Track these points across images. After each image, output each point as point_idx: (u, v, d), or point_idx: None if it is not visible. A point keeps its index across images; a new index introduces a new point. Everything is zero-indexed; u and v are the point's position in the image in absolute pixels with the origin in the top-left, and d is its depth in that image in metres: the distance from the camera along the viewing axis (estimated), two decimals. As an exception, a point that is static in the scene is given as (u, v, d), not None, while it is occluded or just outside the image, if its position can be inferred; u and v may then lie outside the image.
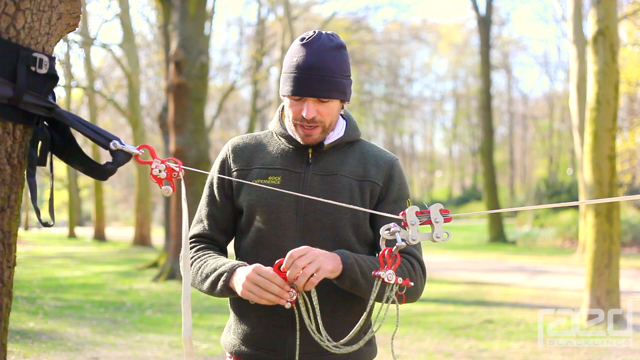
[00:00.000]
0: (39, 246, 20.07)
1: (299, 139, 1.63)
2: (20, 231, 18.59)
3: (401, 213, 1.41)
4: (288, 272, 1.42)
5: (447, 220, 1.42)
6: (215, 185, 1.70)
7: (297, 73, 1.56)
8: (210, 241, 1.71)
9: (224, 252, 1.73)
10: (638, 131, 16.37)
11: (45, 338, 5.67)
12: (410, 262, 1.61)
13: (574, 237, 18.57)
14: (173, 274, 9.95)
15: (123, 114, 21.46)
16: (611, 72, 6.61)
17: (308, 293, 1.49)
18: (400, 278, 1.44)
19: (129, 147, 1.27)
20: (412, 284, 1.46)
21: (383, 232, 1.41)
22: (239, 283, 1.48)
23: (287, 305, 1.45)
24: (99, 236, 23.18)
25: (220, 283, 1.54)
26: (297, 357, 1.56)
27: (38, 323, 6.40)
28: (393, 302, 1.45)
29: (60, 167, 22.23)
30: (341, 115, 1.71)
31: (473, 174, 48.09)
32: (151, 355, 5.16)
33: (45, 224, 1.25)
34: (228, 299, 1.70)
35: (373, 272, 1.45)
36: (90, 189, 28.41)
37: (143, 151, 1.33)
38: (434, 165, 54.29)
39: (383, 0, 51.23)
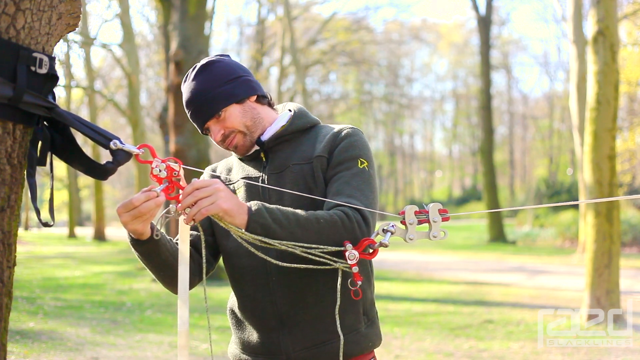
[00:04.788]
0: (39, 246, 20.08)
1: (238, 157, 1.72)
2: (20, 231, 18.56)
3: (400, 212, 1.42)
4: (183, 198, 1.34)
5: (445, 219, 1.42)
6: None
7: (188, 113, 1.65)
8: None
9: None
10: (638, 131, 16.37)
11: (45, 338, 5.68)
12: (346, 214, 1.46)
13: (574, 237, 18.57)
14: (173, 274, 9.94)
15: (123, 114, 21.46)
16: (611, 72, 6.62)
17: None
18: (357, 267, 1.41)
19: (129, 147, 1.28)
20: (359, 283, 1.43)
21: (380, 230, 1.42)
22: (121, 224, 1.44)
23: (159, 192, 1.36)
24: (99, 236, 23.20)
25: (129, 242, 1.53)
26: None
27: (38, 323, 6.40)
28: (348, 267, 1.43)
29: (60, 167, 22.23)
30: (289, 109, 1.72)
31: (473, 174, 48.11)
32: (151, 355, 5.16)
33: (45, 224, 1.25)
34: (227, 311, 1.73)
35: (344, 241, 1.42)
36: (90, 189, 28.43)
37: (143, 151, 1.33)
38: (434, 165, 54.31)
39: (383, 0, 51.43)
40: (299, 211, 1.45)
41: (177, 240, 1.66)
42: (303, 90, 20.72)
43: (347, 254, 1.40)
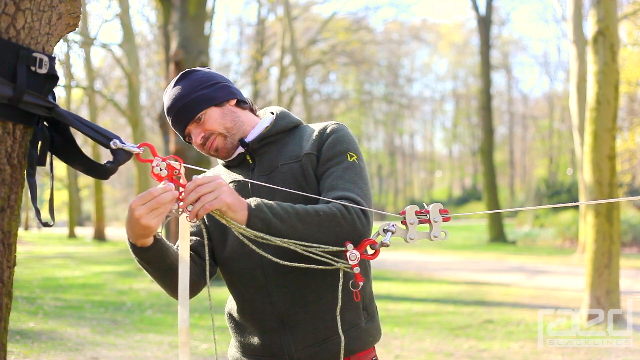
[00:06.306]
0: (39, 246, 20.09)
1: (223, 163, 1.73)
2: (20, 231, 18.56)
3: (400, 212, 1.42)
4: (186, 195, 1.34)
5: (446, 220, 1.42)
6: None
7: (169, 120, 1.66)
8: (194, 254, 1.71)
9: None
10: (638, 131, 16.37)
11: (45, 338, 5.68)
12: (344, 207, 1.45)
13: (574, 237, 18.57)
14: (173, 274, 9.95)
15: (123, 114, 21.44)
16: (611, 72, 6.62)
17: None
18: (358, 268, 1.41)
19: (130, 146, 1.28)
20: (361, 284, 1.42)
21: (381, 230, 1.42)
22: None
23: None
24: (99, 236, 23.19)
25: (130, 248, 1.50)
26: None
27: (38, 323, 6.40)
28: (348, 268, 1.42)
29: (60, 167, 22.22)
30: (271, 112, 1.72)
31: (473, 174, 48.13)
32: (151, 355, 5.16)
33: (45, 224, 1.25)
34: (226, 315, 1.72)
35: (345, 242, 1.41)
36: (90, 189, 28.43)
37: (143, 150, 1.33)
38: (434, 165, 54.31)
39: (383, 0, 51.35)
40: (297, 205, 1.45)
41: (177, 246, 1.66)
42: (303, 90, 20.71)
43: (348, 254, 1.39)
